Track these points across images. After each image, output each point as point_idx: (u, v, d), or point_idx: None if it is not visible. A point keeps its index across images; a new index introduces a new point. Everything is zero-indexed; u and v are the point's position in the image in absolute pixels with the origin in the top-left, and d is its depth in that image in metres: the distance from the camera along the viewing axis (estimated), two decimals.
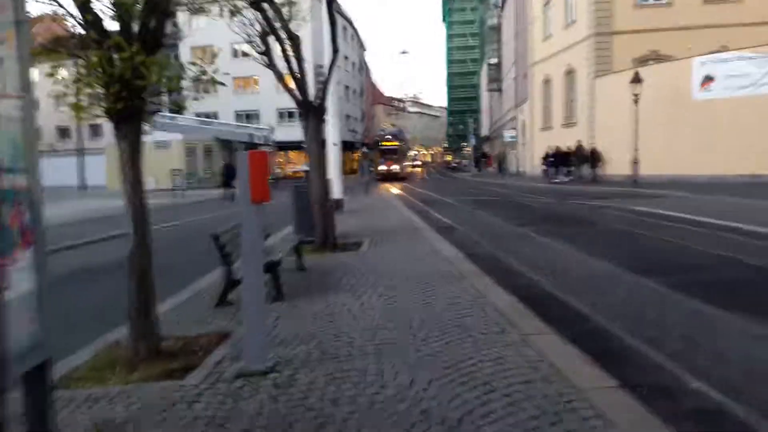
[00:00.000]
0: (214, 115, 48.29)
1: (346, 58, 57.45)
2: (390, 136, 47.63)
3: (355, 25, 67.82)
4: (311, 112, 9.18)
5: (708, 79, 23.00)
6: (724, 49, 23.62)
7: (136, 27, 4.11)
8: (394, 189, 30.97)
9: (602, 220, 12.83)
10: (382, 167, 43.69)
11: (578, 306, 5.81)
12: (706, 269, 7.42)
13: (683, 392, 3.68)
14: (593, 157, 27.48)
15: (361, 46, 73.21)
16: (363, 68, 73.92)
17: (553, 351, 4.06)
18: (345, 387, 3.60)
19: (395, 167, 44.34)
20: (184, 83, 4.79)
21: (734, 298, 5.90)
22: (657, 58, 26.89)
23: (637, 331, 4.90)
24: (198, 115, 45.32)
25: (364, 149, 44.92)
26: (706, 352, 4.36)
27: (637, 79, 22.57)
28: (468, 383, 3.55)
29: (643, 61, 26.95)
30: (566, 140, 30.11)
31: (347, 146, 49.44)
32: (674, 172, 23.68)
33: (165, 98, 4.77)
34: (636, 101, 22.40)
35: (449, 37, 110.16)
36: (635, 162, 22.77)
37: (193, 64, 4.78)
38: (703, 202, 15.70)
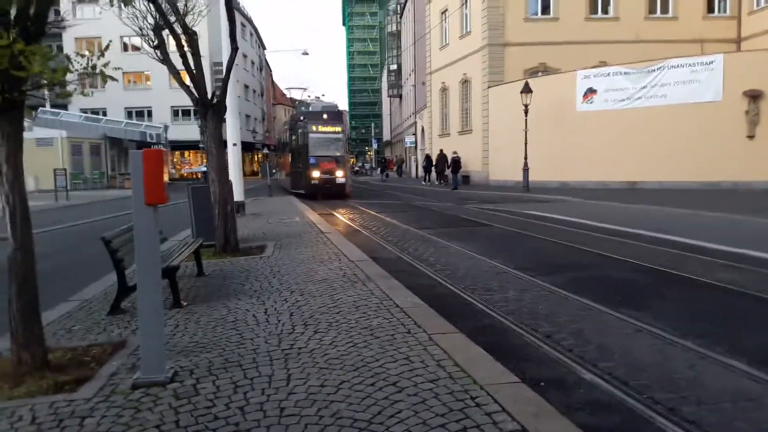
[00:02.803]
0: (103, 112, 45.50)
1: (245, 56, 56.23)
2: (327, 116, 24.56)
3: (255, 23, 66.53)
4: (210, 110, 8.87)
5: (591, 91, 24.75)
6: (603, 63, 25.56)
7: (13, 12, 3.76)
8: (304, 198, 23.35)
9: (495, 223, 13.41)
10: (316, 173, 23.44)
11: (479, 305, 6.03)
12: (588, 267, 7.97)
13: (577, 384, 3.92)
14: (454, 164, 28.74)
15: (261, 45, 71.89)
16: (263, 68, 72.57)
17: (458, 349, 4.17)
18: (252, 394, 3.49)
19: (339, 173, 23.76)
20: (70, 76, 4.45)
21: (615, 294, 6.37)
22: (545, 70, 28.58)
23: (534, 328, 5.17)
24: (84, 111, 42.65)
25: (265, 150, 41.85)
26: (595, 346, 4.68)
27: (527, 90, 23.85)
28: (377, 384, 3.57)
29: (533, 72, 28.54)
30: (463, 147, 31.24)
31: (248, 147, 48.35)
32: (562, 179, 25.30)
33: (47, 92, 4.39)
34: (526, 111, 23.67)
35: (350, 41, 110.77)
36: (525, 168, 24.04)
37: (82, 56, 4.45)
38: (585, 207, 16.88)
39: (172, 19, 8.60)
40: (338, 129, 24.32)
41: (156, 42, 8.66)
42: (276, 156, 38.55)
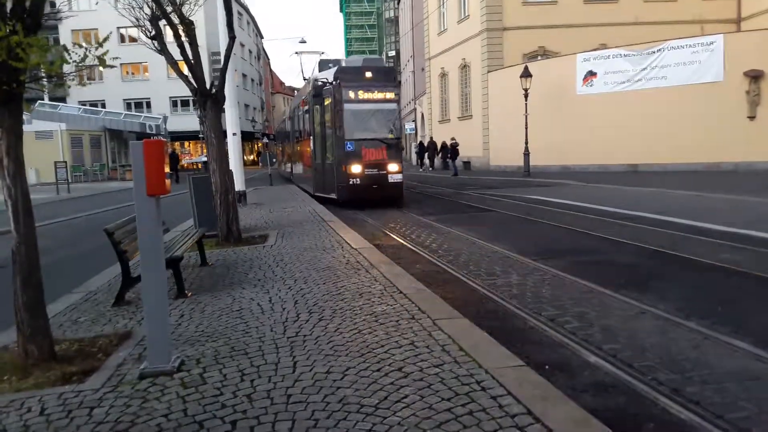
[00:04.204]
0: (102, 104, 45.37)
1: (242, 45, 55.92)
2: (371, 74, 15.39)
3: (252, 11, 66.10)
4: (209, 100, 8.84)
5: (591, 74, 24.60)
6: (603, 46, 25.38)
7: (10, 4, 3.74)
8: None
9: (496, 209, 13.40)
10: (356, 167, 15.02)
11: (482, 290, 6.05)
12: (591, 251, 7.97)
13: (582, 367, 3.93)
14: (452, 151, 27.89)
15: (258, 34, 71.46)
16: (261, 56, 72.19)
17: (462, 334, 4.18)
18: (258, 382, 3.51)
19: (393, 167, 15.42)
20: (68, 68, 4.43)
21: (618, 277, 6.38)
22: (545, 53, 28.40)
23: (538, 311, 5.18)
24: (83, 103, 42.55)
25: (265, 140, 41.01)
26: (599, 329, 4.69)
27: (526, 74, 23.70)
28: (383, 369, 3.58)
29: (532, 56, 28.35)
30: (463, 132, 31.14)
31: (247, 137, 48.20)
32: (563, 163, 25.22)
33: (46, 84, 4.38)
34: (526, 95, 23.54)
35: (347, 27, 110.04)
36: (526, 153, 23.97)
37: (80, 46, 4.43)
38: (586, 190, 16.85)
39: (169, 9, 8.54)
40: (390, 95, 15.44)
41: (153, 32, 8.61)
42: (276, 145, 35.12)
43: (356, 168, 14.87)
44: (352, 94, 14.98)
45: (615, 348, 4.23)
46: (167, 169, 3.89)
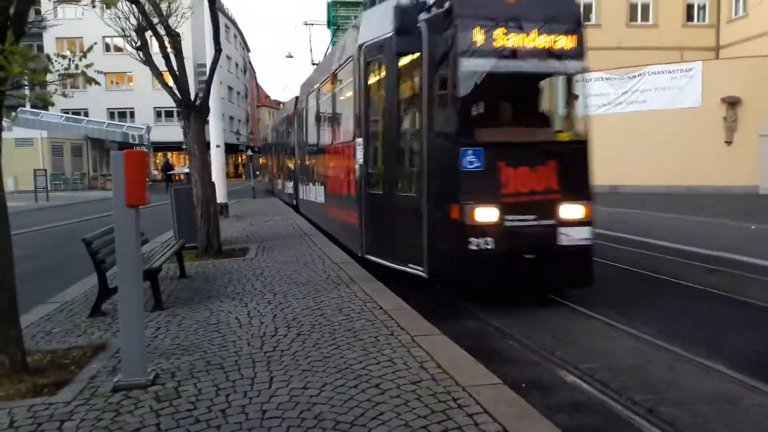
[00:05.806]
0: (84, 113, 44.95)
1: (229, 58, 55.92)
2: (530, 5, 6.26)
3: (239, 25, 66.23)
4: (193, 111, 8.82)
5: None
6: None
7: None
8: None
9: None
10: (484, 212, 5.85)
11: (462, 307, 6.06)
12: None
13: (559, 386, 3.96)
14: None
15: (245, 48, 71.59)
16: (247, 70, 72.25)
17: (441, 351, 4.18)
18: (233, 397, 3.47)
19: (571, 209, 6.05)
20: (51, 77, 4.39)
21: (597, 297, 6.42)
22: None
23: (516, 330, 5.21)
24: (66, 111, 42.07)
25: (249, 152, 40.67)
26: (577, 349, 4.73)
27: None
28: (360, 386, 3.57)
29: None
30: None
31: (231, 149, 48.00)
32: None
33: (27, 92, 4.34)
34: None
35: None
36: None
37: (63, 56, 4.39)
38: None
39: (156, 20, 8.54)
40: (567, 42, 7.11)
41: (139, 43, 8.60)
42: (270, 156, 28.94)
43: (485, 213, 6.07)
44: (480, 37, 6.29)
45: (592, 368, 4.27)
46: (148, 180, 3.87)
